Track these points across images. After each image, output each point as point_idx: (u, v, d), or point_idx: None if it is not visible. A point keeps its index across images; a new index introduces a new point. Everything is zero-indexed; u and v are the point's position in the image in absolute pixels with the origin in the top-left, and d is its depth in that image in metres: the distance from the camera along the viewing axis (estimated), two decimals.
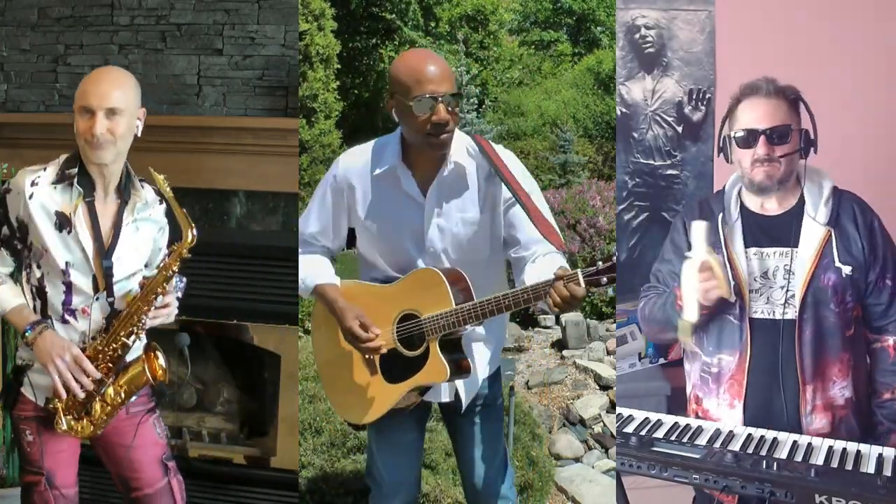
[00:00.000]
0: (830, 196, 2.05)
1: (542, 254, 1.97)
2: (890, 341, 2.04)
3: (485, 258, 2.05)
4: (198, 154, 3.14)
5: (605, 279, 1.76)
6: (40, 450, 2.13)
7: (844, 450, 1.82)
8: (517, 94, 12.26)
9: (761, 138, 1.99)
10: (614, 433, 3.92)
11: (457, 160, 2.00)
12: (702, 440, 1.92)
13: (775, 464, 1.73)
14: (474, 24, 13.54)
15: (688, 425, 2.00)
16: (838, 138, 2.34)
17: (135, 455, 2.23)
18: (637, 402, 2.50)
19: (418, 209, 2.02)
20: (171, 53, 3.23)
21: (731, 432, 1.95)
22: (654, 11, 3.15)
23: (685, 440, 1.92)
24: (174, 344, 2.30)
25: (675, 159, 3.21)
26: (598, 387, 4.64)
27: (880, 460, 1.76)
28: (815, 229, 2.02)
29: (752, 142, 2.00)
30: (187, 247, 2.08)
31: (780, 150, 1.99)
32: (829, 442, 1.87)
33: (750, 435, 1.92)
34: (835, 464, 1.77)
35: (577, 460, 3.90)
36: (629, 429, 1.99)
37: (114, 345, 2.08)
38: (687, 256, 1.99)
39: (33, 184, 2.05)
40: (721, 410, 2.09)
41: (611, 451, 3.94)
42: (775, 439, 1.90)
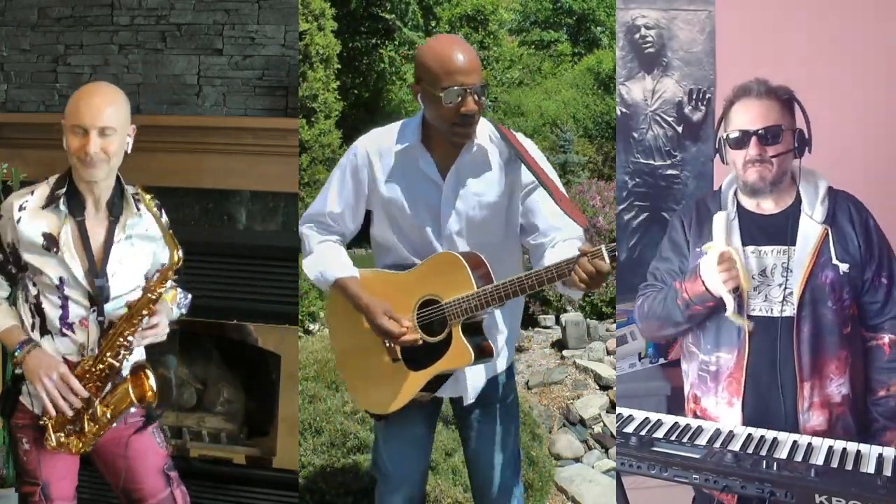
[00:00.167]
0: (826, 195, 2.06)
1: (561, 239, 1.97)
2: (885, 339, 2.04)
3: (498, 242, 2.05)
4: (198, 154, 3.14)
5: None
6: (36, 459, 2.11)
7: (844, 450, 1.82)
8: (517, 94, 12.27)
9: (753, 139, 2.00)
10: (614, 433, 3.92)
11: (479, 142, 2.00)
12: (702, 440, 1.92)
13: (775, 464, 1.73)
14: (474, 24, 13.55)
15: (688, 425, 2.00)
16: (838, 138, 2.34)
17: (134, 465, 2.21)
18: (637, 402, 2.50)
19: (436, 190, 2.02)
20: (171, 53, 3.23)
21: (731, 432, 1.94)
22: (654, 11, 3.15)
23: (685, 440, 1.92)
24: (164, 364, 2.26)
25: (675, 159, 3.21)
26: (598, 387, 4.64)
27: (880, 460, 1.76)
28: (812, 227, 2.03)
29: (745, 143, 2.01)
30: (173, 268, 2.06)
31: (773, 151, 2.00)
32: (829, 442, 1.87)
33: (750, 435, 1.92)
34: (835, 464, 1.77)
35: (577, 460, 3.90)
36: (629, 429, 1.99)
37: (101, 365, 2.06)
38: (703, 251, 2.02)
39: (21, 208, 2.07)
40: (720, 409, 2.09)
41: (611, 451, 3.93)
42: (775, 439, 1.90)
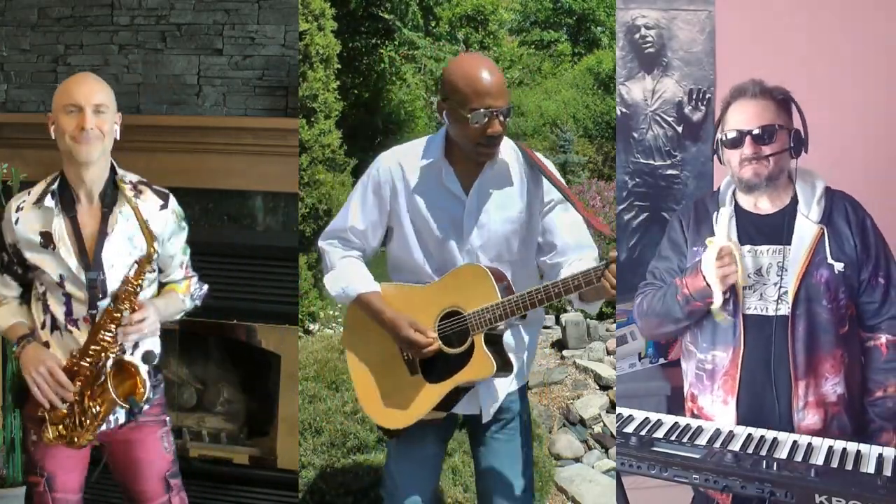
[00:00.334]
0: (823, 195, 2.06)
1: (577, 258, 2.02)
2: (882, 339, 2.04)
3: (517, 258, 2.07)
4: (198, 154, 3.14)
5: None
6: (43, 451, 2.14)
7: (844, 450, 1.82)
8: (517, 94, 12.24)
9: (747, 138, 2.01)
10: (614, 433, 3.92)
11: (502, 157, 2.02)
12: (702, 440, 1.92)
13: (775, 464, 1.73)
14: (474, 24, 13.53)
15: (688, 425, 2.00)
16: (838, 138, 2.34)
17: (138, 467, 2.23)
18: (637, 402, 2.50)
19: (459, 205, 2.04)
20: (171, 53, 3.23)
21: (731, 432, 1.94)
22: (654, 11, 3.15)
23: (685, 440, 1.92)
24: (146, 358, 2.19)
25: (675, 159, 3.21)
26: (598, 387, 4.63)
27: (880, 460, 1.76)
28: (807, 227, 2.03)
29: (740, 142, 2.02)
30: (149, 261, 2.08)
31: (768, 149, 2.01)
32: (828, 442, 1.87)
33: (750, 435, 1.92)
34: (835, 464, 1.77)
35: (577, 460, 3.90)
36: (629, 429, 1.99)
37: (87, 359, 2.07)
38: (706, 244, 2.03)
39: (18, 209, 2.12)
40: (715, 407, 2.10)
41: (611, 451, 3.93)
42: (775, 439, 1.89)
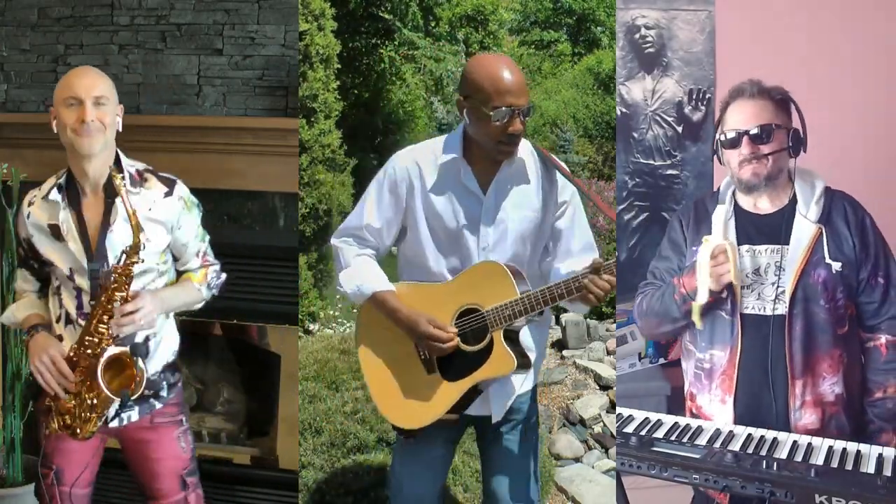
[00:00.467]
0: (822, 195, 2.06)
1: (580, 261, 2.01)
2: (882, 340, 2.04)
3: (529, 258, 2.08)
4: (198, 154, 3.13)
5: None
6: (53, 444, 2.17)
7: (844, 450, 1.82)
8: None
9: (745, 138, 2.01)
10: (614, 433, 3.92)
11: (520, 155, 2.03)
12: (702, 440, 1.92)
13: (775, 464, 1.73)
14: (474, 24, 13.52)
15: (688, 425, 2.00)
16: (838, 138, 2.34)
17: (154, 466, 2.25)
18: (637, 402, 2.50)
19: (477, 203, 2.04)
20: (171, 53, 3.23)
21: (731, 432, 1.94)
22: (654, 11, 3.15)
23: (685, 440, 1.92)
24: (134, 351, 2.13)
25: (675, 159, 3.21)
26: (598, 387, 4.63)
27: (880, 460, 1.76)
28: (806, 227, 2.03)
29: (738, 143, 2.03)
30: (136, 251, 2.05)
31: (766, 149, 2.01)
32: (828, 442, 1.87)
33: (750, 435, 1.92)
34: (835, 464, 1.77)
35: (577, 460, 3.89)
36: (629, 429, 1.99)
37: (84, 349, 2.07)
38: (702, 241, 2.04)
39: (30, 203, 2.15)
40: (713, 406, 2.10)
41: (611, 451, 3.93)
42: (775, 439, 1.89)
